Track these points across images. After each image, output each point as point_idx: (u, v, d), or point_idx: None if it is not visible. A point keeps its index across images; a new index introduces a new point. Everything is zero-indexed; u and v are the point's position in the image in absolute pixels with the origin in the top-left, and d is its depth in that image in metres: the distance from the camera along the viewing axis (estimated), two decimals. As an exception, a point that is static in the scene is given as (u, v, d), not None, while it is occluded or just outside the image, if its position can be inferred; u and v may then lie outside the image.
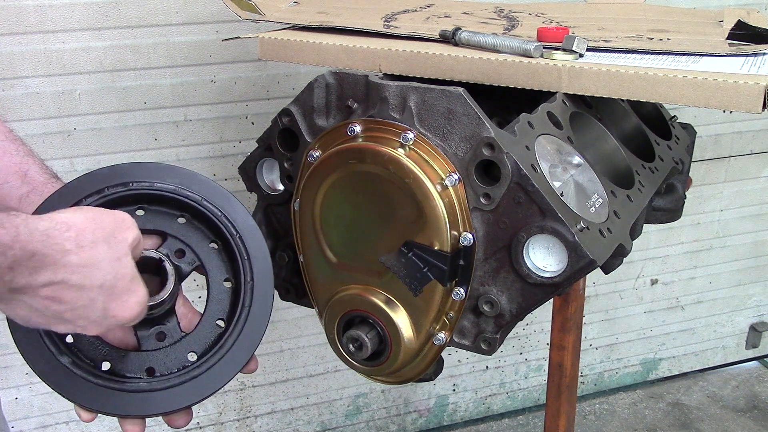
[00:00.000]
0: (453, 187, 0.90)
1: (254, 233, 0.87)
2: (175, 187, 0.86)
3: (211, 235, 0.88)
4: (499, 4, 1.45)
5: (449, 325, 0.97)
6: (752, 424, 2.49)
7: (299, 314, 2.14)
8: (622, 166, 1.10)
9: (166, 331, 0.84)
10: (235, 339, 0.83)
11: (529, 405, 2.59)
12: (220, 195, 0.88)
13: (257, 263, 0.86)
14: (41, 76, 1.71)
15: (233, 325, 0.84)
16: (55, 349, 0.80)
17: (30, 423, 2.02)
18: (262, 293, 0.86)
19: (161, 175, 0.87)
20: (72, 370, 0.79)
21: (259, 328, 0.85)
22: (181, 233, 0.87)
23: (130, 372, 0.82)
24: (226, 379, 0.82)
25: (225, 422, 2.24)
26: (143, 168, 0.87)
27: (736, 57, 1.02)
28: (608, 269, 0.98)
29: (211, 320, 0.85)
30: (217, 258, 0.88)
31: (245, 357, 0.83)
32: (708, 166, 2.44)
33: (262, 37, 1.14)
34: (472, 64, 1.01)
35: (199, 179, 0.88)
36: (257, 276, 0.86)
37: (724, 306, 2.69)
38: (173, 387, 0.80)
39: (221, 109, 1.88)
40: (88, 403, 0.79)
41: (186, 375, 0.81)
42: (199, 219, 0.88)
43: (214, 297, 0.86)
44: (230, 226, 0.87)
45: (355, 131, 0.95)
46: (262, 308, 0.85)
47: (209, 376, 0.82)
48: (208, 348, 0.84)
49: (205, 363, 0.82)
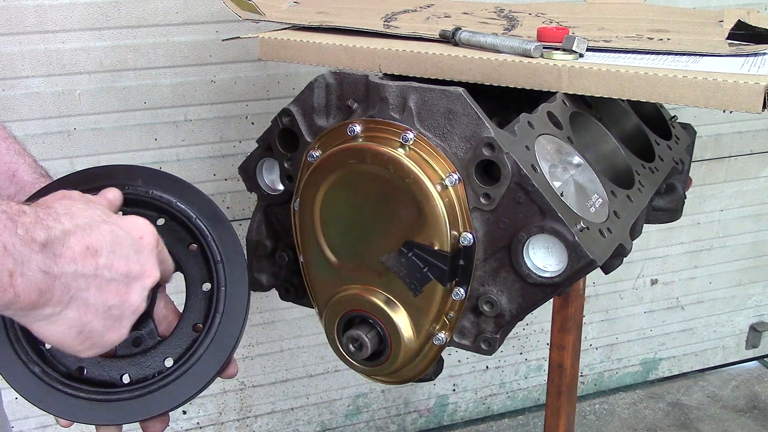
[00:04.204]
0: (453, 187, 0.90)
1: (230, 235, 0.85)
2: (147, 188, 0.84)
3: (188, 237, 0.86)
4: (499, 4, 1.45)
5: (449, 325, 0.97)
6: (752, 424, 2.49)
7: (299, 314, 2.14)
8: (622, 166, 1.10)
9: (142, 336, 0.83)
10: (208, 345, 0.81)
11: (529, 405, 2.59)
12: (193, 195, 0.86)
13: (232, 267, 0.84)
14: (41, 76, 1.71)
15: (206, 331, 0.82)
16: (26, 358, 0.79)
17: (30, 423, 2.02)
18: (235, 297, 0.83)
19: (132, 175, 0.84)
20: (44, 379, 0.78)
21: (234, 334, 0.82)
22: (160, 235, 0.85)
23: (105, 378, 0.81)
24: (201, 386, 0.81)
25: (225, 422, 2.24)
26: (117, 170, 0.85)
27: (736, 57, 1.02)
28: (608, 269, 0.98)
29: (188, 324, 0.84)
30: (194, 260, 0.86)
31: (219, 363, 0.82)
32: (708, 166, 2.44)
33: (262, 37, 1.14)
34: (472, 64, 1.01)
35: (169, 178, 0.86)
36: (231, 280, 0.84)
37: (724, 306, 2.69)
38: (146, 395, 0.79)
39: (221, 109, 1.88)
40: (62, 413, 0.78)
41: (160, 382, 0.80)
42: (177, 221, 0.86)
43: (192, 300, 0.85)
44: (204, 228, 0.84)
45: (355, 131, 0.95)
46: (236, 312, 0.83)
47: (183, 382, 0.80)
48: (183, 353, 0.82)
49: (179, 369, 0.80)
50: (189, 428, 2.22)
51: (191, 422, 2.21)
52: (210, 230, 0.84)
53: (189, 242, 0.86)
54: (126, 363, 0.82)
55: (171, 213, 0.85)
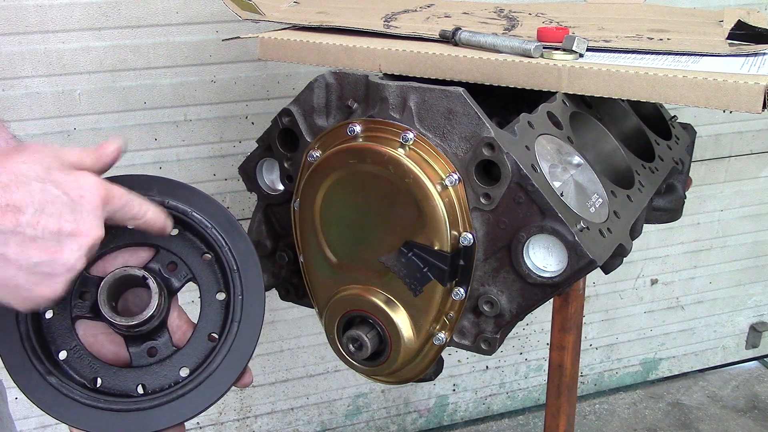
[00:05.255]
0: (453, 187, 0.90)
1: (245, 244, 0.85)
2: (162, 198, 0.83)
3: (203, 246, 0.86)
4: (499, 4, 1.45)
5: (449, 325, 0.97)
6: (752, 424, 2.49)
7: (299, 314, 2.14)
8: (622, 166, 1.10)
9: (157, 346, 0.83)
10: (225, 354, 0.82)
11: (529, 405, 2.59)
12: (208, 204, 0.86)
13: (247, 276, 0.84)
14: (41, 76, 1.71)
15: (223, 340, 0.82)
16: (43, 369, 0.79)
17: (30, 423, 2.02)
18: (252, 305, 0.84)
19: (149, 185, 0.84)
20: (61, 390, 0.79)
21: (250, 342, 0.83)
22: (174, 246, 0.85)
23: (122, 389, 0.81)
24: (217, 396, 0.81)
25: (225, 422, 2.24)
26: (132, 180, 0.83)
27: (736, 57, 1.02)
28: (608, 269, 0.98)
29: (203, 334, 0.84)
30: (209, 270, 0.86)
31: (236, 372, 0.82)
32: (708, 166, 2.44)
33: (262, 37, 1.14)
34: (472, 64, 1.01)
35: (184, 188, 0.86)
36: (247, 288, 0.84)
37: (724, 306, 2.69)
38: (162, 405, 0.80)
39: (221, 109, 1.88)
40: (79, 423, 0.79)
41: (176, 392, 0.80)
42: (191, 231, 0.86)
43: (207, 310, 0.85)
44: (219, 238, 0.84)
45: (355, 131, 0.95)
46: (253, 320, 0.83)
47: (199, 392, 0.81)
48: (200, 363, 0.82)
49: (195, 379, 0.81)
50: (189, 428, 2.21)
51: (191, 422, 2.21)
52: (225, 239, 0.84)
53: (203, 252, 0.86)
54: (142, 373, 0.82)
55: (186, 223, 0.84)
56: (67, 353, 0.81)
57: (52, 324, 0.81)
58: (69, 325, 0.81)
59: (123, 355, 0.84)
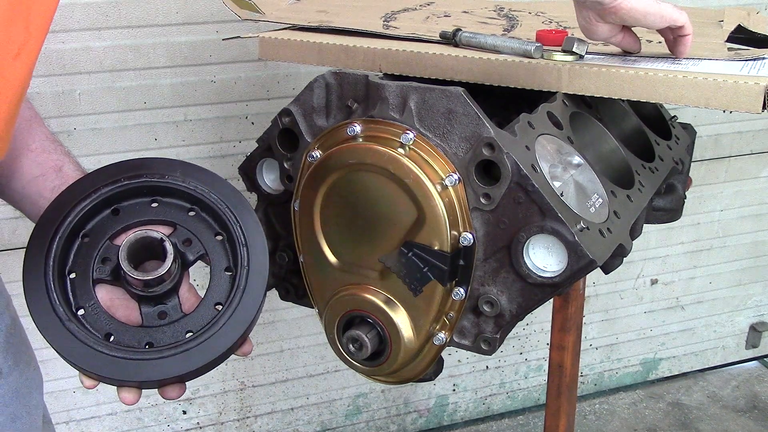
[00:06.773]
0: (453, 187, 0.90)
1: (255, 225, 0.93)
2: (184, 180, 0.92)
3: (217, 227, 0.93)
4: (499, 3, 1.45)
5: (449, 325, 0.97)
6: (752, 424, 2.49)
7: (299, 314, 2.14)
8: (622, 166, 1.10)
9: (167, 310, 0.90)
10: (227, 319, 0.87)
11: (529, 405, 2.59)
12: (227, 189, 0.94)
13: (254, 251, 0.91)
14: (41, 76, 1.71)
15: (227, 305, 0.89)
16: (63, 316, 0.85)
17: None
18: (256, 277, 0.90)
19: (172, 167, 0.93)
20: (77, 336, 0.84)
21: (252, 309, 0.89)
22: (190, 224, 0.93)
23: (130, 344, 0.87)
24: (217, 353, 0.86)
25: (225, 422, 2.24)
26: (155, 162, 0.94)
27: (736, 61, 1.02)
28: (608, 269, 0.98)
29: (209, 303, 0.90)
30: (220, 248, 0.93)
31: (236, 335, 0.87)
32: (708, 166, 2.44)
33: (262, 37, 1.14)
34: (473, 64, 1.01)
35: (202, 170, 0.95)
36: (253, 263, 0.91)
37: (724, 306, 2.69)
38: (166, 358, 0.85)
39: (221, 109, 1.88)
40: (88, 366, 0.84)
41: (179, 348, 0.86)
42: (207, 211, 0.93)
43: (215, 283, 0.92)
44: (232, 216, 0.92)
45: (355, 131, 0.95)
46: (255, 290, 0.90)
47: (200, 350, 0.86)
48: (204, 325, 0.89)
49: (198, 339, 0.87)
50: (189, 428, 2.22)
51: (191, 422, 2.21)
52: (236, 216, 0.92)
53: (216, 231, 0.93)
54: (151, 332, 0.88)
55: (204, 203, 0.92)
56: (85, 311, 0.88)
57: (75, 283, 0.88)
58: (90, 287, 0.88)
59: (135, 319, 0.89)
